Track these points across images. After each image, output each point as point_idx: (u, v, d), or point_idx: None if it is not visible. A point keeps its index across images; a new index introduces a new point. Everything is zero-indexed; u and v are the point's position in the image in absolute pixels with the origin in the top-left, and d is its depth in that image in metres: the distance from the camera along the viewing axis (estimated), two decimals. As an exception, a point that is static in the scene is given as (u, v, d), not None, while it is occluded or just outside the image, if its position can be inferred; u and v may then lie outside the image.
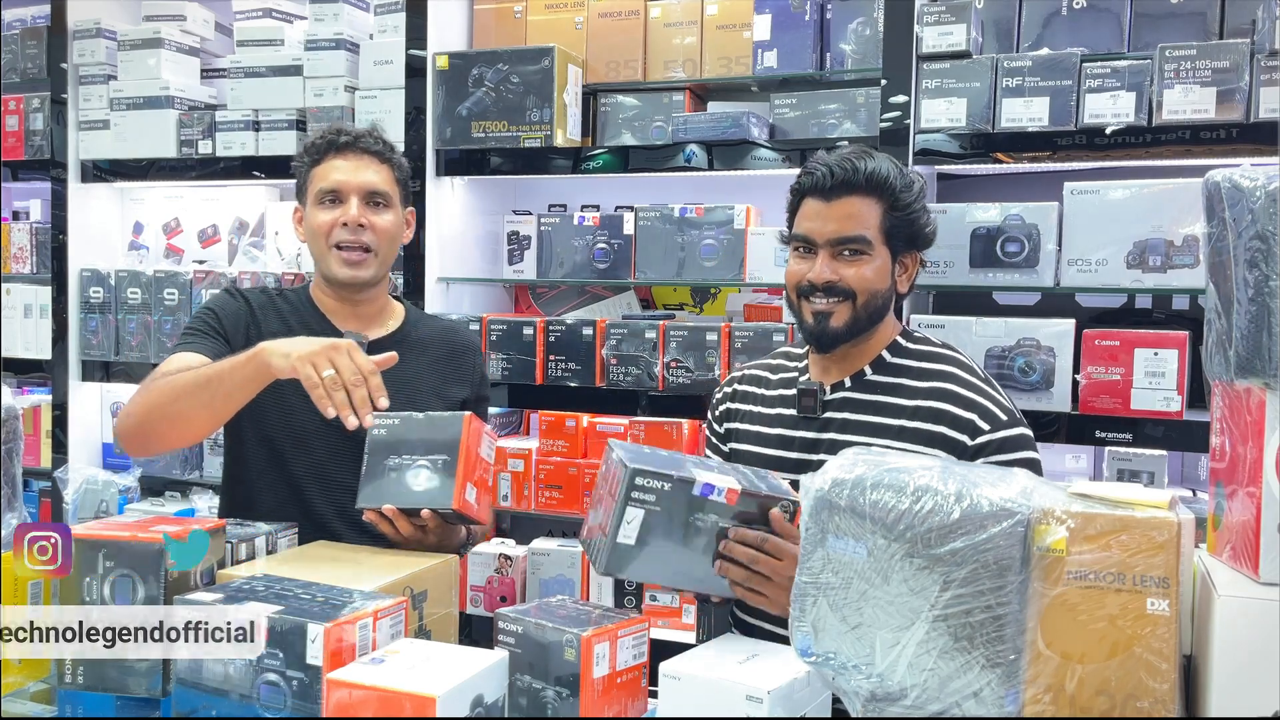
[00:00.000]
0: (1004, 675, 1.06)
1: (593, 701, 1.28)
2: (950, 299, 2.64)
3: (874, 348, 1.73)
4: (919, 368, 1.71)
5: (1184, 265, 2.22)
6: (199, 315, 1.95)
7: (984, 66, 2.35)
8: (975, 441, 1.62)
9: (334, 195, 1.92)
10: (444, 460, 1.65)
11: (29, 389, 3.50)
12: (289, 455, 1.90)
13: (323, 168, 1.94)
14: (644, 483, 1.42)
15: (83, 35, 3.29)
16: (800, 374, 1.80)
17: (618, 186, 3.04)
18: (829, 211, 1.65)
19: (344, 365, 1.57)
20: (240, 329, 1.93)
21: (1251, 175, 1.10)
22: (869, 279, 1.65)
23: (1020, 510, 1.06)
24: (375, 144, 1.96)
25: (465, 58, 2.81)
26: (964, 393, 1.66)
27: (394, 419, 1.69)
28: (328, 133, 1.96)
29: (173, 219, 3.45)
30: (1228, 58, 2.18)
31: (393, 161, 1.98)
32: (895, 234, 1.67)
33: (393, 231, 1.97)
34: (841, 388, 1.73)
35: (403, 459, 1.67)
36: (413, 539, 1.68)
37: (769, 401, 1.82)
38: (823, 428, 1.72)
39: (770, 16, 2.66)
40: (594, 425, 2.83)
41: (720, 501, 1.42)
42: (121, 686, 1.40)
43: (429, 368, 2.02)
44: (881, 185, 1.64)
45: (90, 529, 1.43)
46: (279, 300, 2.01)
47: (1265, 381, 1.08)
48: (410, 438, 1.68)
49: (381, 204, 1.95)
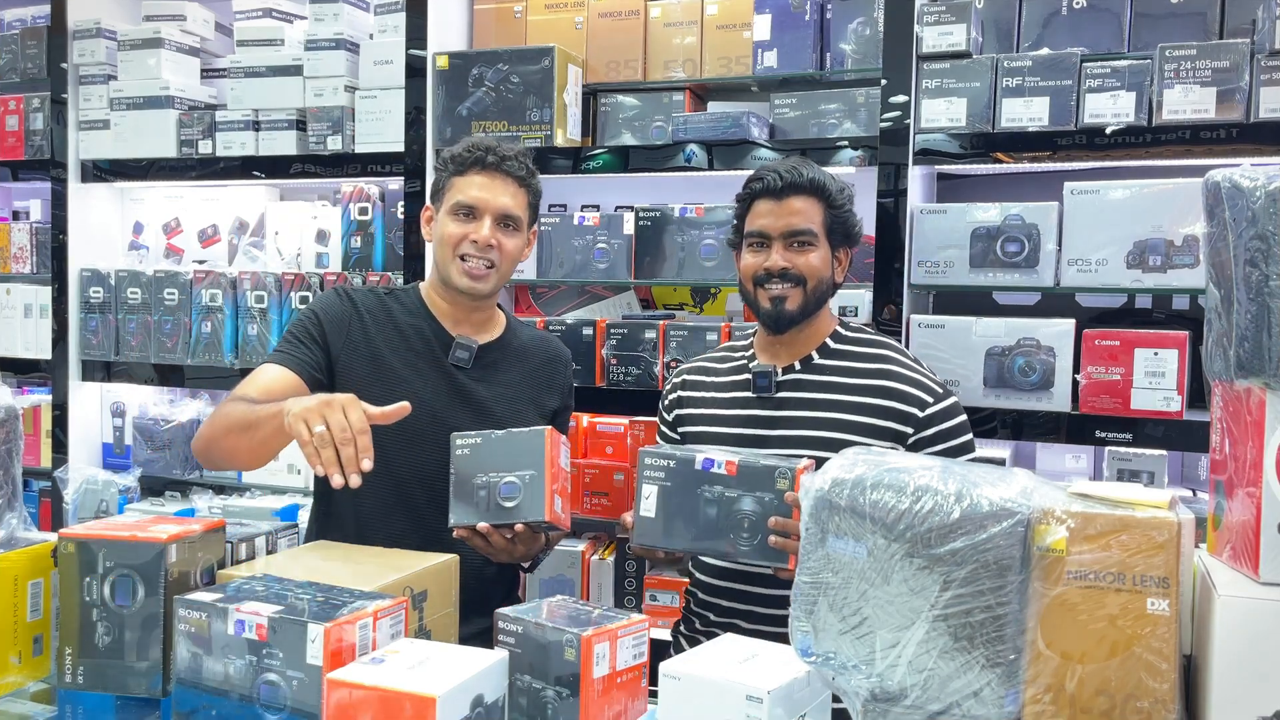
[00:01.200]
0: (1004, 675, 1.06)
1: (593, 701, 1.28)
2: (950, 299, 2.64)
3: (818, 335, 1.95)
4: (861, 351, 1.94)
5: (1184, 265, 2.22)
6: (302, 318, 1.97)
7: (984, 66, 2.35)
8: (925, 412, 1.85)
9: (469, 211, 1.93)
10: (531, 475, 1.72)
11: (29, 389, 3.50)
12: (394, 457, 1.89)
13: (464, 180, 1.94)
14: (652, 461, 1.69)
15: (83, 35, 3.29)
16: (749, 361, 1.99)
17: (618, 186, 3.04)
18: (780, 209, 1.89)
19: (335, 422, 1.54)
20: (341, 332, 1.94)
21: (1251, 175, 1.10)
22: (816, 266, 1.89)
23: (1020, 510, 1.06)
24: (519, 169, 1.96)
25: (465, 58, 2.81)
26: (905, 371, 1.90)
27: (475, 438, 1.75)
28: (477, 148, 1.95)
29: (173, 219, 3.45)
30: (1228, 58, 2.18)
31: (530, 187, 2.00)
32: (834, 230, 1.91)
33: (516, 253, 1.99)
34: (792, 370, 1.94)
35: (490, 476, 1.74)
36: (503, 550, 1.76)
37: (721, 387, 2.00)
38: (778, 406, 1.92)
39: (770, 16, 2.66)
40: (594, 425, 2.83)
41: (722, 473, 1.64)
42: (121, 686, 1.40)
43: (528, 376, 2.06)
44: (821, 188, 1.89)
45: (90, 529, 1.43)
46: (390, 301, 2.01)
47: (1265, 381, 1.08)
48: (496, 454, 1.74)
49: (512, 227, 1.97)
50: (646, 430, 2.73)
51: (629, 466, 2.75)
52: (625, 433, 2.78)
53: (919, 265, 2.42)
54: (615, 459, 2.79)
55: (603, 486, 2.77)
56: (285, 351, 1.91)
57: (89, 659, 1.40)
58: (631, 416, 2.76)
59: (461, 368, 1.97)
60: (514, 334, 2.08)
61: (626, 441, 2.78)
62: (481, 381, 1.99)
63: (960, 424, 1.88)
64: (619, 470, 2.76)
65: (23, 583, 1.47)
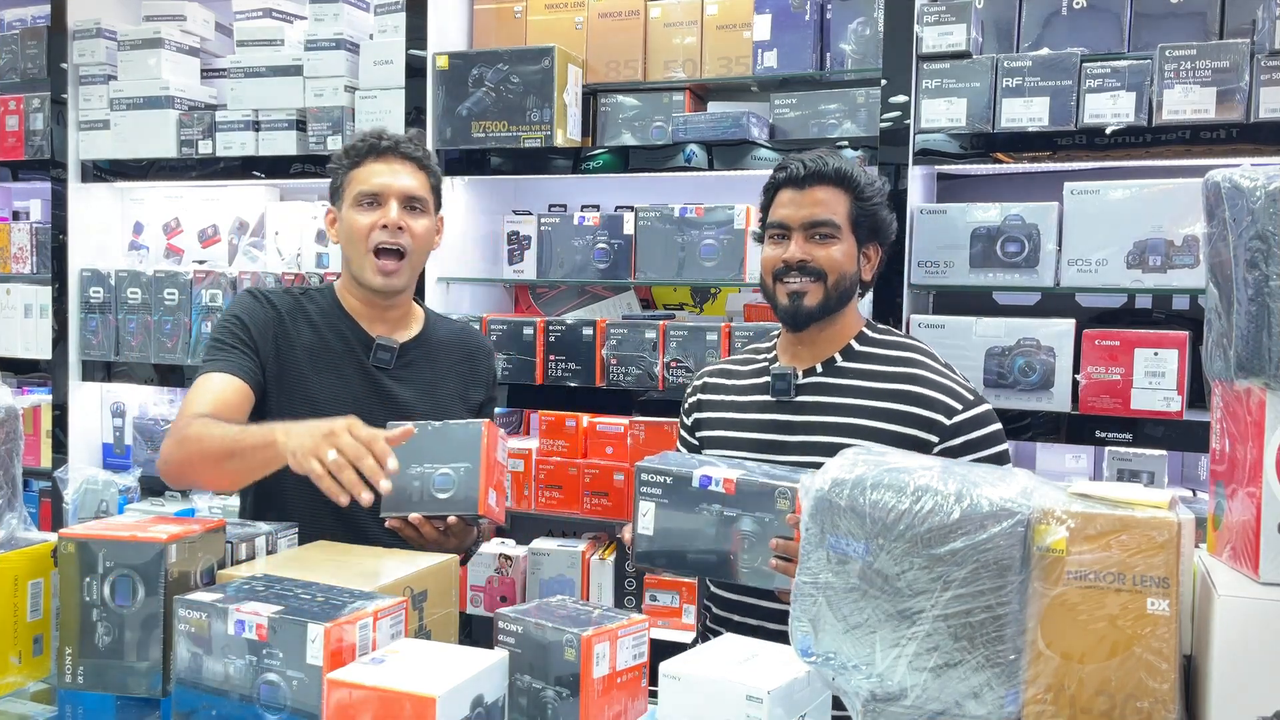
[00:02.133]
0: (1004, 675, 1.05)
1: (593, 701, 1.28)
2: (950, 299, 2.64)
3: (842, 336, 1.87)
4: (887, 354, 1.85)
5: (1184, 265, 2.22)
6: (226, 324, 1.93)
7: (984, 66, 2.35)
8: (952, 420, 1.76)
9: (373, 198, 1.93)
10: (466, 467, 1.70)
11: (29, 389, 3.50)
12: None
13: (362, 170, 1.94)
14: (648, 477, 1.60)
15: (83, 35, 3.29)
16: (770, 362, 1.91)
17: (618, 186, 3.04)
18: (802, 199, 1.81)
19: (346, 445, 1.54)
20: (269, 337, 1.92)
21: (1251, 175, 1.10)
22: (838, 260, 1.80)
23: (1020, 510, 1.06)
24: (415, 150, 1.97)
25: (465, 58, 2.81)
26: (932, 376, 1.80)
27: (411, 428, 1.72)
28: (369, 136, 1.97)
29: (173, 219, 3.45)
30: (1228, 58, 2.18)
31: (429, 168, 2.00)
32: (860, 223, 1.83)
33: (426, 237, 1.99)
34: (814, 373, 1.85)
35: (424, 467, 1.71)
36: (434, 541, 1.74)
37: (741, 390, 1.93)
38: (797, 410, 1.83)
39: (770, 16, 2.66)
40: (594, 425, 2.83)
41: (720, 491, 1.55)
42: (121, 686, 1.40)
43: (450, 370, 2.05)
44: (847, 178, 1.81)
45: (90, 529, 1.43)
46: (306, 303, 2.00)
47: (1265, 381, 1.08)
48: (431, 446, 1.72)
49: (418, 209, 1.96)
50: (647, 430, 2.73)
51: (629, 467, 2.74)
52: (625, 433, 2.78)
53: (919, 265, 2.42)
54: (615, 459, 2.79)
55: (603, 486, 2.77)
56: (224, 359, 1.87)
57: (89, 659, 1.40)
58: (631, 417, 2.76)
59: (383, 368, 1.96)
60: (433, 329, 2.07)
61: (626, 442, 2.78)
62: (404, 381, 1.98)
63: (992, 434, 1.77)
64: (619, 470, 2.76)
65: (23, 583, 1.47)
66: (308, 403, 1.88)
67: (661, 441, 2.70)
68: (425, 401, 1.98)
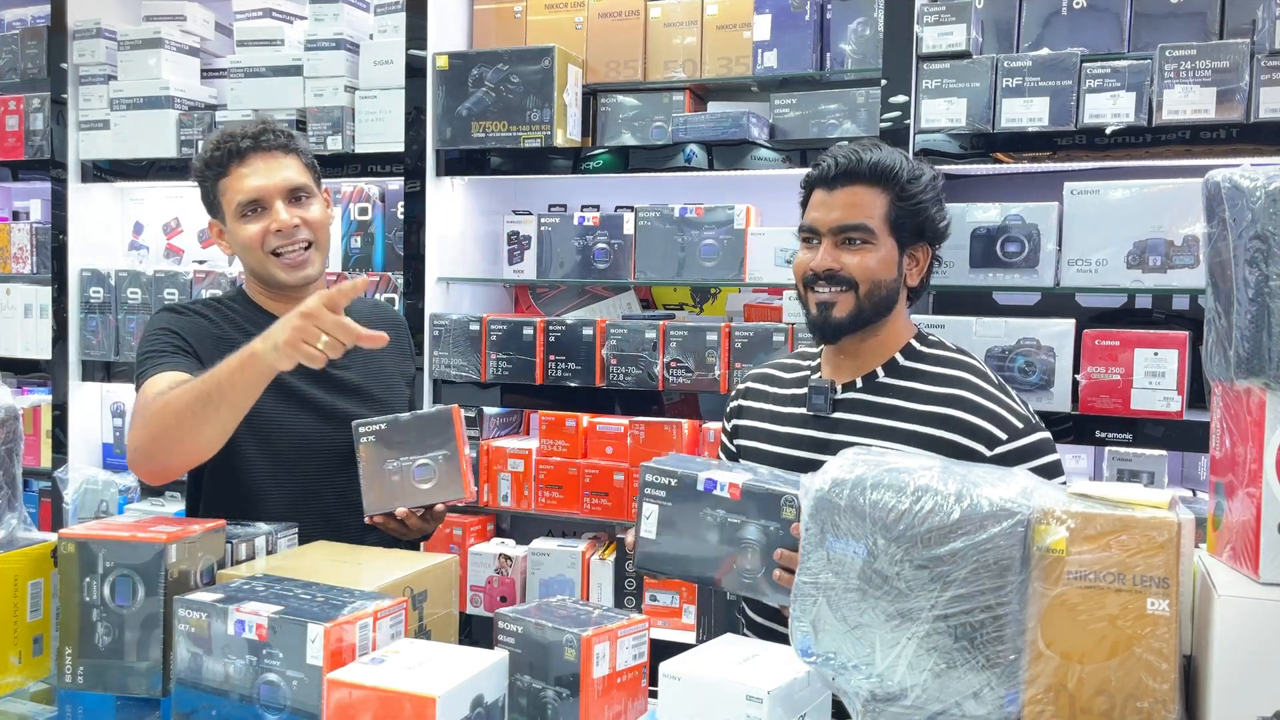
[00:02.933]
0: (1004, 675, 1.06)
1: (593, 701, 1.28)
2: (950, 299, 2.64)
3: (887, 347, 1.73)
4: (933, 372, 1.70)
5: (1184, 265, 2.22)
6: (157, 335, 1.82)
7: (984, 66, 2.35)
8: (994, 451, 1.61)
9: (254, 204, 1.83)
10: (444, 455, 1.71)
11: (29, 389, 3.50)
12: (295, 460, 1.87)
13: (231, 179, 1.83)
14: (653, 479, 1.54)
15: (83, 35, 3.29)
16: (813, 372, 1.79)
17: (618, 186, 3.04)
18: (832, 200, 1.67)
19: (330, 324, 1.50)
20: (208, 340, 1.83)
21: (1251, 175, 1.10)
22: (871, 268, 1.65)
23: (1020, 510, 1.06)
24: (277, 138, 1.85)
25: (465, 58, 2.81)
26: (979, 400, 1.65)
27: (380, 424, 1.73)
28: (223, 140, 1.84)
29: (173, 219, 3.45)
30: (1228, 58, 2.18)
31: (299, 149, 1.88)
32: (902, 225, 1.67)
33: (324, 220, 1.89)
34: (853, 388, 1.72)
35: (401, 460, 1.71)
36: (418, 530, 1.76)
37: (782, 400, 1.81)
38: (832, 428, 1.71)
39: (770, 16, 2.66)
40: (594, 425, 2.83)
41: (725, 496, 1.48)
42: (121, 686, 1.40)
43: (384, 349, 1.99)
44: (886, 175, 1.65)
45: (90, 529, 1.43)
46: (226, 310, 1.91)
47: (1265, 381, 1.08)
48: (403, 438, 1.72)
49: (305, 196, 1.86)
50: (647, 431, 2.73)
51: (629, 467, 2.74)
52: (625, 433, 2.78)
53: (919, 265, 2.42)
54: (615, 459, 2.79)
55: (603, 486, 2.77)
56: (168, 362, 1.76)
57: (89, 659, 1.40)
58: (631, 417, 2.76)
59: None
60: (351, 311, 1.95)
61: (626, 442, 2.77)
62: (348, 368, 1.90)
63: (1047, 465, 1.62)
64: (619, 470, 2.76)
65: (23, 583, 1.47)
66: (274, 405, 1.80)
67: (661, 441, 2.70)
68: (373, 381, 1.92)
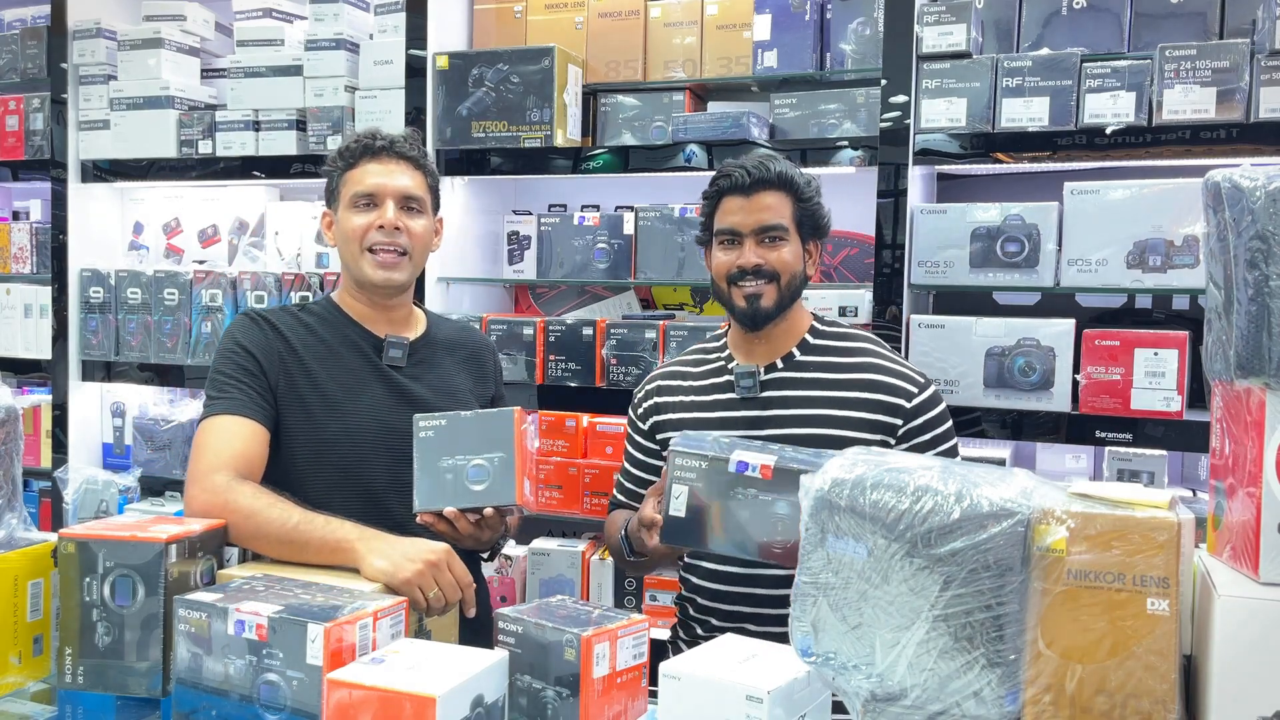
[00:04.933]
0: (1004, 675, 1.06)
1: (593, 701, 1.28)
2: (950, 299, 2.65)
3: (795, 332, 1.94)
4: (841, 346, 1.94)
5: (1184, 265, 2.22)
6: (229, 355, 1.85)
7: (984, 66, 2.35)
8: (912, 403, 1.86)
9: (369, 199, 1.89)
10: (500, 457, 1.68)
11: (29, 389, 3.50)
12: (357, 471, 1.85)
13: (357, 171, 1.91)
14: (683, 460, 1.64)
15: (83, 35, 3.29)
16: (725, 362, 1.97)
17: (618, 186, 3.04)
18: (750, 205, 1.88)
19: (446, 583, 1.54)
20: (275, 360, 1.85)
21: (1251, 175, 1.10)
22: (789, 261, 1.88)
23: (1020, 510, 1.06)
24: (411, 149, 1.94)
25: (465, 58, 2.81)
26: (887, 364, 1.91)
27: (440, 419, 1.70)
28: (363, 137, 1.93)
29: (173, 219, 3.45)
30: (1228, 58, 2.18)
31: (425, 168, 1.96)
32: (804, 223, 1.90)
33: (426, 237, 1.95)
34: (775, 369, 1.92)
35: (456, 459, 1.69)
36: (470, 536, 1.71)
37: (700, 390, 1.97)
38: (765, 405, 1.90)
39: (770, 16, 2.66)
40: (594, 425, 2.83)
41: (756, 477, 1.58)
42: (121, 686, 1.40)
43: (461, 366, 2.03)
44: (789, 182, 1.88)
45: (90, 529, 1.43)
46: (306, 317, 1.94)
47: (1265, 381, 1.08)
48: (461, 437, 1.69)
49: (415, 209, 1.93)
50: (646, 430, 2.73)
51: (629, 466, 2.74)
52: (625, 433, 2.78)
53: (919, 265, 2.42)
54: (615, 459, 2.79)
55: (603, 486, 2.77)
56: (230, 399, 1.80)
57: (89, 659, 1.40)
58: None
59: (397, 366, 1.92)
60: (437, 329, 2.05)
61: (626, 441, 2.77)
62: (419, 379, 1.94)
63: (943, 411, 1.90)
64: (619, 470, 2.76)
65: (23, 583, 1.47)
66: (328, 410, 1.84)
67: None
68: (442, 397, 1.94)
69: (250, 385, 1.82)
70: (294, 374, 1.86)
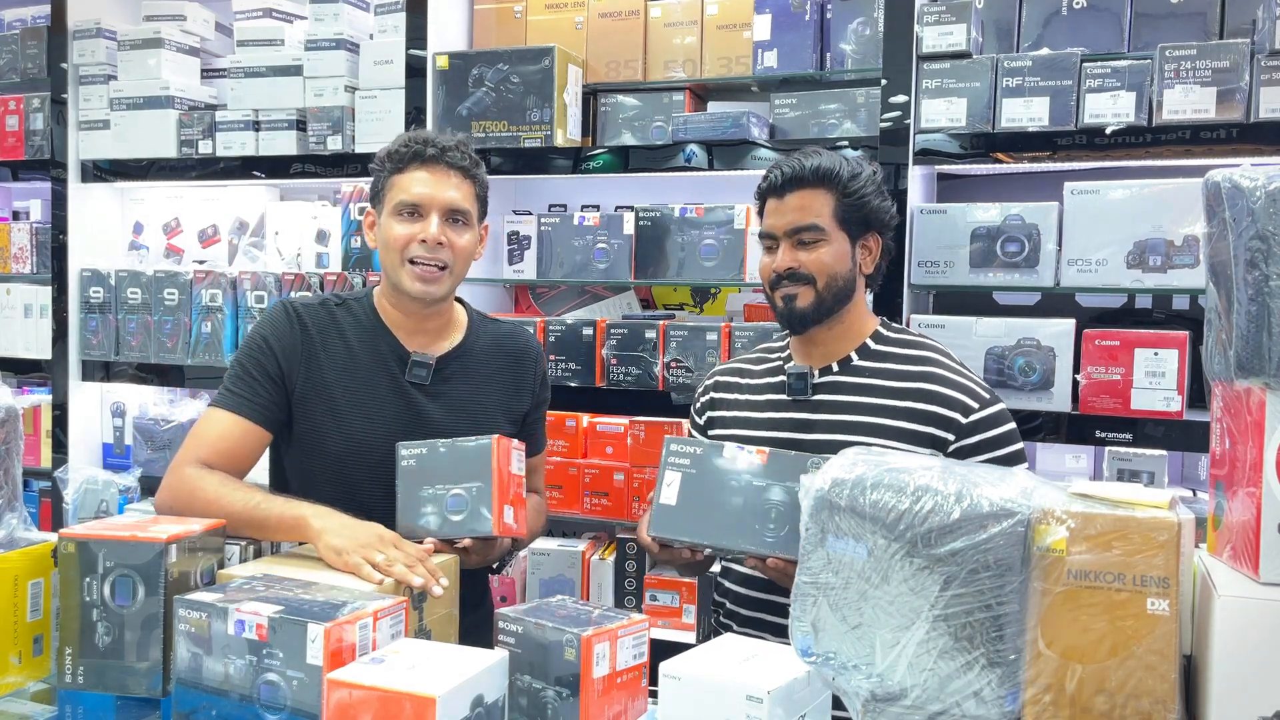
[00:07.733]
0: (1004, 675, 1.06)
1: (593, 701, 1.28)
2: (950, 299, 2.64)
3: (855, 335, 1.87)
4: (903, 354, 1.86)
5: (1184, 265, 2.22)
6: (254, 349, 1.84)
7: (984, 66, 2.35)
8: (969, 419, 1.77)
9: (414, 209, 1.82)
10: (478, 487, 1.68)
11: (29, 389, 3.50)
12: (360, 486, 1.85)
13: (405, 178, 1.84)
14: (677, 448, 1.64)
15: (83, 35, 3.29)
16: (784, 362, 1.91)
17: (618, 186, 3.04)
18: (782, 206, 1.81)
19: (394, 556, 1.53)
20: (297, 362, 1.84)
21: (1251, 175, 1.10)
22: (826, 263, 1.80)
23: (1020, 510, 1.06)
24: (462, 159, 1.85)
25: (465, 58, 2.81)
26: (949, 375, 1.81)
27: (420, 448, 1.71)
28: (414, 141, 1.85)
29: (173, 219, 3.45)
30: (1228, 58, 2.18)
31: (476, 178, 1.89)
32: (849, 219, 1.81)
33: (469, 249, 1.88)
34: (830, 372, 1.86)
35: (436, 489, 1.69)
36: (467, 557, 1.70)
37: (756, 389, 1.92)
38: (815, 409, 1.84)
39: (770, 16, 2.66)
40: (594, 425, 2.83)
41: (754, 460, 1.59)
42: (121, 686, 1.40)
43: (490, 381, 1.96)
44: (828, 176, 1.79)
45: (90, 529, 1.43)
46: (342, 314, 1.90)
47: (1265, 381, 1.08)
48: (440, 466, 1.70)
49: (461, 222, 1.86)
50: (647, 430, 2.73)
51: (629, 466, 2.75)
52: (625, 433, 2.78)
53: (919, 265, 2.42)
54: (615, 459, 2.79)
55: (603, 486, 2.77)
56: (238, 393, 1.80)
57: (89, 659, 1.40)
58: (631, 416, 2.76)
59: (419, 385, 1.87)
60: (475, 337, 1.97)
61: (626, 442, 2.78)
62: (438, 398, 1.89)
63: (1007, 433, 1.78)
64: (619, 470, 2.76)
65: (23, 583, 1.47)
66: (335, 424, 1.83)
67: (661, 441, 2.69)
68: (459, 419, 1.89)
69: (261, 384, 1.81)
70: (313, 376, 1.84)
